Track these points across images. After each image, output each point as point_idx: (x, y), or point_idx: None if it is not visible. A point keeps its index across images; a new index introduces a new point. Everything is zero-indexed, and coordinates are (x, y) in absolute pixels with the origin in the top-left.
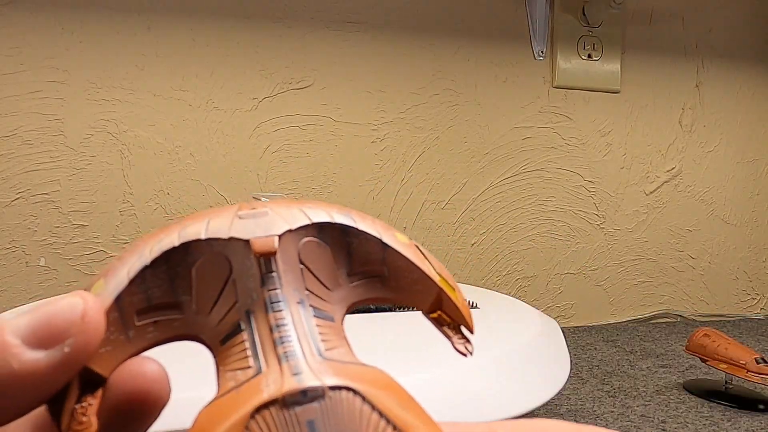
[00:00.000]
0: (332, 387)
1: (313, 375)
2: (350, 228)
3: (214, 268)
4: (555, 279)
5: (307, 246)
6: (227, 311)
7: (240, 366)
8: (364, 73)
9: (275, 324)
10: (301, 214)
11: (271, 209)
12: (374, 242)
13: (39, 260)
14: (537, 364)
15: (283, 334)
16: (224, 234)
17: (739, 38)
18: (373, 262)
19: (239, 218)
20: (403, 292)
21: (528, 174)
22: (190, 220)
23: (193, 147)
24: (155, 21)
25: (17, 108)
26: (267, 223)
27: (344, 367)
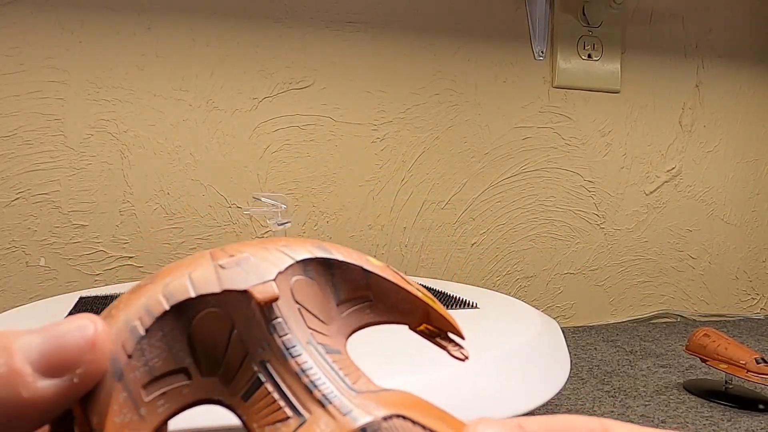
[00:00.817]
0: (384, 418)
1: (363, 411)
2: (331, 260)
3: (213, 325)
4: (555, 279)
5: (297, 285)
6: (239, 366)
7: (277, 418)
8: (364, 73)
9: (300, 369)
10: (283, 254)
11: (250, 253)
12: (356, 270)
13: (39, 260)
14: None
15: (312, 377)
16: (215, 287)
17: (739, 38)
18: (359, 289)
19: (222, 267)
20: (391, 313)
21: (528, 174)
22: (167, 274)
23: (193, 147)
24: (155, 21)
25: (17, 108)
26: (255, 269)
27: (379, 395)
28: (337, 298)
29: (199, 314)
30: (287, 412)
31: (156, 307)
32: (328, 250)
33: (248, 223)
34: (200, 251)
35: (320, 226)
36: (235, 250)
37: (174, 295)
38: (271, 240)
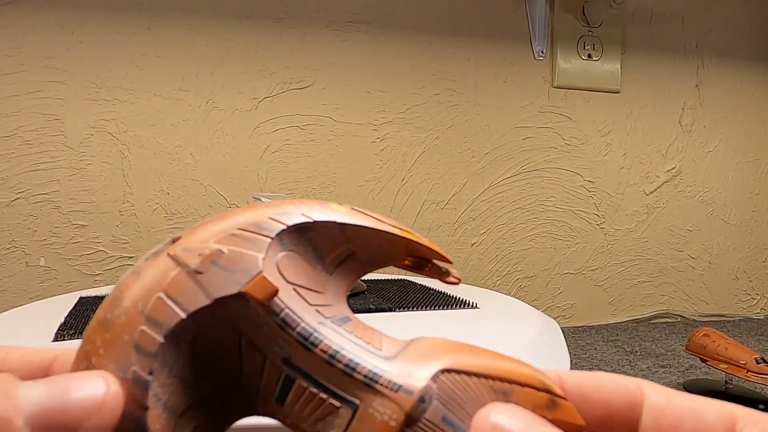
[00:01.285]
0: (433, 379)
1: (411, 380)
2: (304, 224)
3: (217, 340)
4: (555, 279)
5: (283, 264)
6: (261, 372)
7: (326, 412)
8: (364, 73)
9: (329, 356)
10: (255, 235)
11: (221, 246)
12: (330, 226)
13: (39, 260)
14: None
15: (345, 360)
16: (204, 299)
17: (739, 38)
18: (339, 245)
19: (198, 273)
20: (376, 258)
21: (528, 174)
22: (137, 298)
23: (193, 147)
24: (155, 21)
25: (17, 108)
26: (236, 264)
27: (412, 353)
28: (321, 262)
29: (198, 333)
30: (334, 402)
31: (149, 343)
32: (297, 213)
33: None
34: (154, 256)
35: None
36: (197, 244)
37: (163, 323)
38: (226, 217)
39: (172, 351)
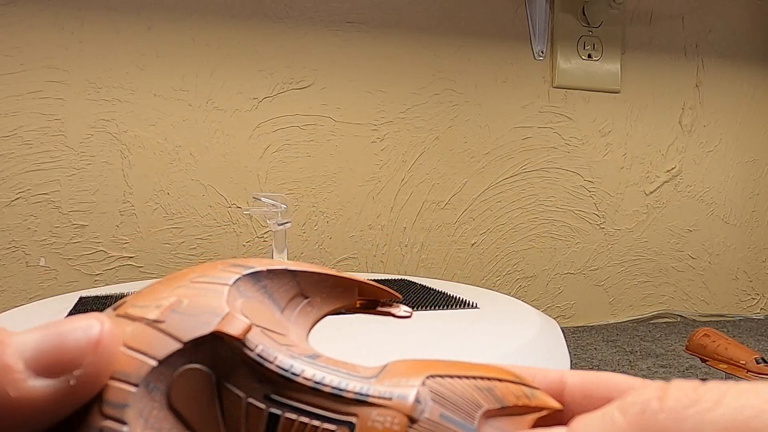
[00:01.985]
0: (422, 384)
1: (402, 388)
2: (258, 272)
3: (192, 385)
4: (555, 279)
5: (245, 308)
6: (244, 415)
7: None
8: (364, 73)
9: (313, 382)
10: (211, 284)
11: (178, 295)
12: (282, 273)
13: (39, 260)
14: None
15: (332, 383)
16: (174, 344)
17: (739, 38)
18: (292, 291)
19: (159, 322)
20: (330, 301)
21: (528, 174)
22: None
23: (193, 147)
24: (155, 21)
25: (17, 108)
26: (199, 309)
27: (394, 372)
28: (278, 308)
29: (171, 384)
30: (328, 426)
31: (118, 396)
32: (248, 265)
33: (248, 223)
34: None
35: (320, 226)
36: (149, 301)
37: (130, 374)
38: (174, 277)
39: (145, 401)
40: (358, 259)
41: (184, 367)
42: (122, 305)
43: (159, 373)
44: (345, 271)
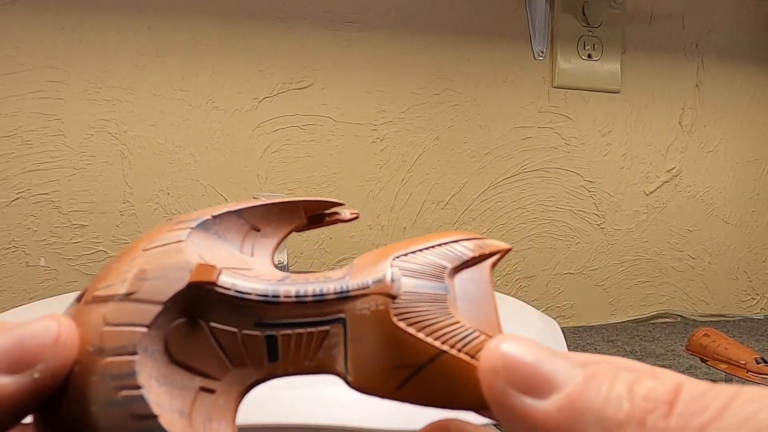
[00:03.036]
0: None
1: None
2: (205, 221)
3: (187, 335)
4: (555, 279)
5: (206, 256)
6: (241, 346)
7: (320, 341)
8: (364, 73)
9: (295, 296)
10: (169, 245)
11: (139, 265)
12: (228, 216)
13: (39, 260)
14: None
15: (312, 292)
16: (153, 309)
17: (739, 38)
18: (243, 228)
19: (131, 294)
20: (281, 227)
21: (528, 174)
22: (86, 343)
23: (193, 147)
24: (155, 21)
25: (17, 108)
26: (167, 269)
27: (362, 266)
28: (236, 247)
29: (167, 339)
30: (322, 328)
31: (122, 367)
32: (194, 218)
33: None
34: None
35: None
36: (113, 280)
37: (125, 345)
38: (127, 250)
39: (150, 363)
40: None
41: (173, 324)
42: (85, 293)
43: (152, 337)
44: None
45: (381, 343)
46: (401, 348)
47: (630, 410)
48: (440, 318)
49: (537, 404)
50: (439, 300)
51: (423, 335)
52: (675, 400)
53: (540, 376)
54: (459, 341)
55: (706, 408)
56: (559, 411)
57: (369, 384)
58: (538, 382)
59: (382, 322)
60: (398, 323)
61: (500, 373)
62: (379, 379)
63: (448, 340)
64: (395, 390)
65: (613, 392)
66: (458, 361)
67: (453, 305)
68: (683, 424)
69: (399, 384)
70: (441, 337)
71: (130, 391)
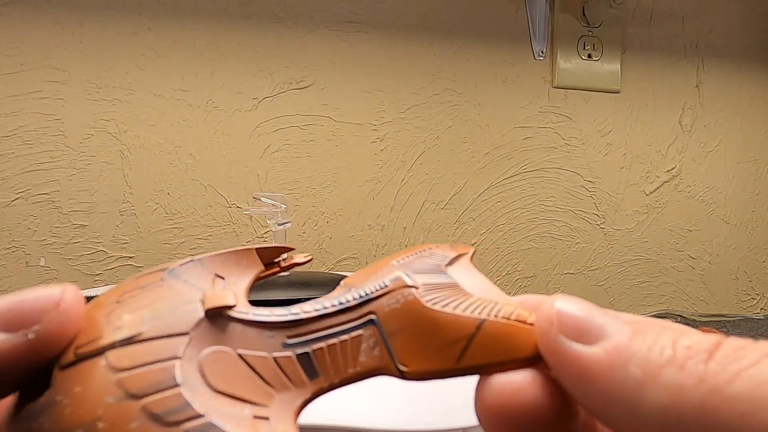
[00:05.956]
0: (397, 267)
1: (384, 277)
2: (174, 269)
3: (221, 366)
4: (555, 279)
5: None
6: (278, 368)
7: (357, 346)
8: (364, 73)
9: (316, 311)
10: (149, 288)
11: (127, 311)
12: (193, 265)
13: (39, 260)
14: None
15: (332, 304)
16: (180, 340)
17: (739, 38)
18: (209, 276)
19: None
20: (243, 275)
21: (528, 174)
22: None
23: (193, 147)
24: (155, 21)
25: (17, 108)
26: (170, 306)
27: (364, 276)
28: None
29: (202, 370)
30: (355, 333)
31: (174, 402)
32: (161, 268)
33: (248, 223)
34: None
35: (320, 226)
36: (98, 332)
37: (165, 379)
38: (102, 306)
39: (197, 394)
40: (358, 259)
41: (203, 354)
42: (66, 355)
43: (187, 369)
44: (345, 271)
45: (424, 329)
46: (445, 326)
47: (672, 356)
48: (463, 298)
49: (586, 349)
50: (453, 286)
51: (460, 312)
52: (715, 350)
53: (590, 326)
54: (491, 310)
55: (745, 356)
56: (606, 354)
57: (428, 366)
58: (588, 331)
59: (416, 309)
60: (432, 307)
61: (554, 324)
62: (437, 359)
63: (482, 311)
64: (456, 363)
65: (657, 342)
66: (500, 325)
67: (464, 289)
68: (721, 368)
69: (458, 357)
70: (475, 310)
71: (192, 422)
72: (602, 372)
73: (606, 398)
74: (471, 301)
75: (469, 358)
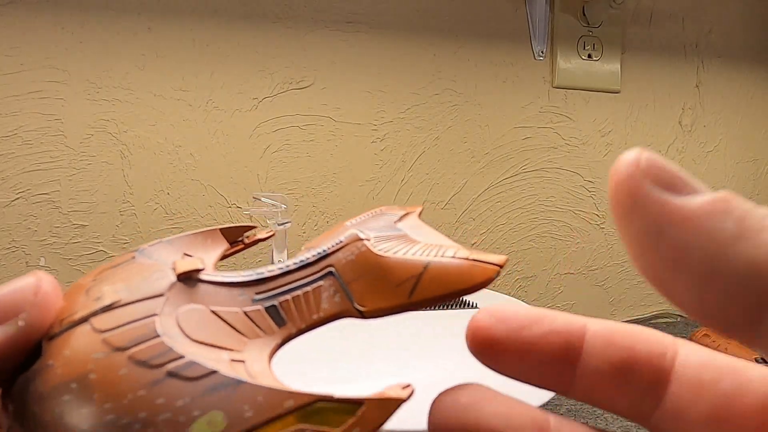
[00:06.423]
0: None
1: (339, 235)
2: (144, 249)
3: (198, 320)
4: (555, 279)
5: None
6: (250, 320)
7: (318, 295)
8: (364, 73)
9: (280, 269)
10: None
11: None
12: (162, 245)
13: (39, 260)
14: None
15: (294, 262)
16: (158, 300)
17: (739, 38)
18: (177, 255)
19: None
20: (211, 251)
21: (528, 174)
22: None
23: (193, 147)
24: (155, 21)
25: (17, 108)
26: (144, 276)
27: (322, 239)
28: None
29: (179, 324)
30: (317, 284)
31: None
32: (133, 250)
33: (248, 223)
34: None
35: (320, 226)
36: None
37: (147, 333)
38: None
39: (176, 342)
40: None
41: (180, 310)
42: (52, 329)
43: (166, 323)
44: None
45: (377, 274)
46: (396, 269)
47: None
48: (411, 245)
49: (686, 199)
50: (402, 237)
51: (409, 256)
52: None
53: (684, 180)
54: (437, 252)
55: None
56: (710, 204)
57: (383, 304)
58: (683, 184)
59: (369, 258)
60: (383, 255)
61: (644, 173)
62: (392, 297)
63: (429, 254)
64: (408, 299)
65: (756, 208)
66: (444, 264)
67: (412, 237)
68: None
69: (409, 293)
70: (422, 254)
71: (175, 363)
72: (696, 219)
73: (693, 246)
74: (418, 247)
75: (419, 293)
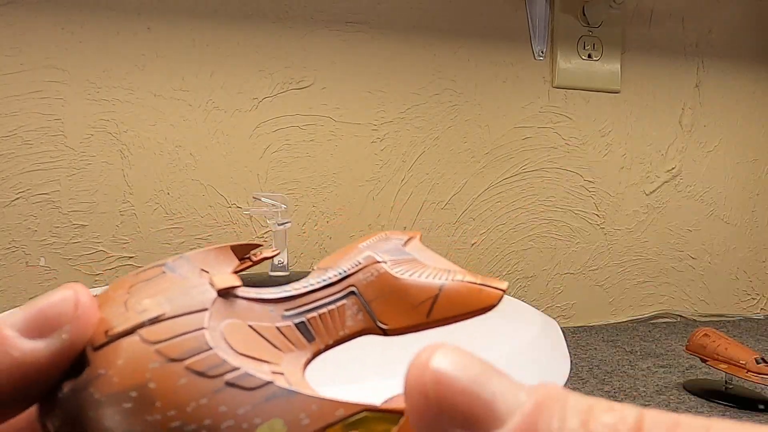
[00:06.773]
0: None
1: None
2: (167, 264)
3: (238, 334)
4: (555, 279)
5: None
6: (282, 335)
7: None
8: (364, 73)
9: (305, 287)
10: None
11: (155, 295)
12: (181, 260)
13: (39, 260)
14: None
15: (317, 281)
16: (203, 315)
17: (739, 38)
18: (196, 270)
19: (164, 315)
20: (225, 268)
21: (528, 174)
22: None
23: (193, 147)
24: (155, 21)
25: (17, 108)
26: (182, 289)
27: (336, 259)
28: None
29: (223, 336)
30: (340, 303)
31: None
32: (155, 264)
33: (248, 223)
34: None
35: (320, 226)
36: (120, 320)
37: (196, 346)
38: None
39: (227, 355)
40: None
41: (223, 324)
42: (95, 339)
43: (213, 337)
44: None
45: (397, 294)
46: (413, 291)
47: None
48: (422, 268)
49: None
50: (412, 260)
51: (423, 279)
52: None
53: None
54: (447, 276)
55: None
56: None
57: (404, 323)
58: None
59: (387, 280)
60: (401, 277)
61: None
62: (411, 316)
63: (441, 277)
64: (426, 318)
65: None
66: (456, 287)
67: (421, 261)
68: None
69: (427, 313)
70: (435, 277)
71: (232, 374)
72: None
73: None
74: (430, 271)
75: (435, 313)
